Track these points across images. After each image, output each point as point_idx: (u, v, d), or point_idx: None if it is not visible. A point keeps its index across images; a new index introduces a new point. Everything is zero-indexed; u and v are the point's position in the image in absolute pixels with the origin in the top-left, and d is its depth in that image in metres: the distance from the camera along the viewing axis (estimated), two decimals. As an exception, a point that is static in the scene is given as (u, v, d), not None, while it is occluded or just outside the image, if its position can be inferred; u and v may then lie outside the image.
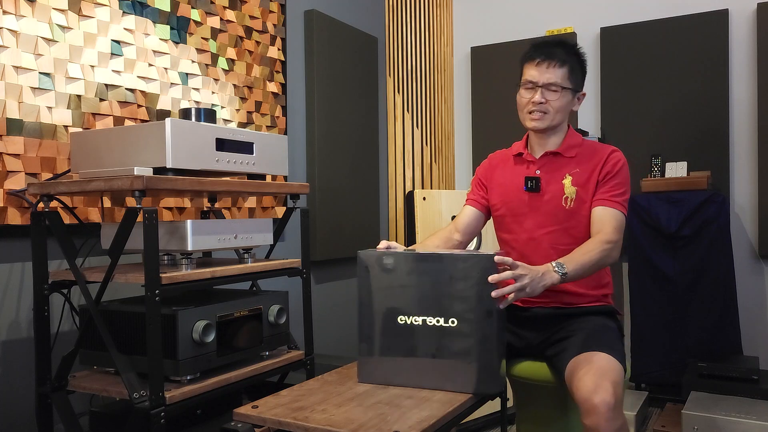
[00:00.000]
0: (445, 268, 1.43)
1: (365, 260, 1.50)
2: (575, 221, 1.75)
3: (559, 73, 1.75)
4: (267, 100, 2.52)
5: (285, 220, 1.92)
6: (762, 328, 3.20)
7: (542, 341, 1.76)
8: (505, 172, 1.89)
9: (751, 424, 2.40)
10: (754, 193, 3.21)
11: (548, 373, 1.73)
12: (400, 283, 1.46)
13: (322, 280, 2.89)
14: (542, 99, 1.75)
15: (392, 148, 3.43)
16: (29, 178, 1.68)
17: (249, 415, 1.31)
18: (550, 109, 1.76)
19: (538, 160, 1.82)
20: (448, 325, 1.42)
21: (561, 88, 1.75)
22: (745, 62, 3.24)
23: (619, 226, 1.70)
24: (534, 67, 1.77)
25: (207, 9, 2.24)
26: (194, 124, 1.52)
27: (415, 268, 1.45)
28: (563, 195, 1.76)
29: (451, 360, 1.42)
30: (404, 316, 1.46)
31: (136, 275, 1.44)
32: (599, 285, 1.79)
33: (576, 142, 1.82)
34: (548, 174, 1.80)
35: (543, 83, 1.74)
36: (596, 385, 1.41)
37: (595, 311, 1.76)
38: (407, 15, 3.56)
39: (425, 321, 1.44)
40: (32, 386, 1.63)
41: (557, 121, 1.78)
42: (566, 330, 1.70)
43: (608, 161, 1.76)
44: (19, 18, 1.66)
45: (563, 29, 3.64)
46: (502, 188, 1.87)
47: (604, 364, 1.48)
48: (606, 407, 1.37)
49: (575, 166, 1.79)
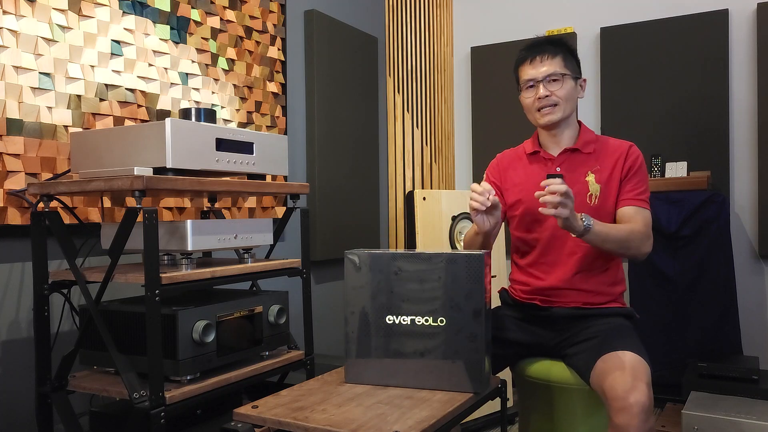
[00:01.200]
0: (433, 268, 1.42)
1: (352, 260, 1.49)
2: (599, 218, 1.73)
3: (554, 63, 1.76)
4: (267, 100, 2.52)
5: (285, 220, 1.92)
6: (762, 328, 3.20)
7: (561, 341, 1.75)
8: (519, 172, 1.87)
9: (751, 424, 2.40)
10: (754, 193, 3.21)
11: (564, 373, 1.71)
12: (388, 283, 1.46)
13: (322, 280, 2.89)
14: (547, 92, 1.75)
15: (392, 148, 3.43)
16: (29, 178, 1.68)
17: (249, 415, 1.31)
18: (558, 100, 1.76)
19: (558, 158, 1.82)
20: (437, 324, 1.41)
21: (561, 76, 1.76)
22: (745, 62, 3.24)
23: (648, 223, 1.73)
24: (529, 66, 1.78)
25: (207, 9, 2.24)
26: (194, 124, 1.52)
27: (403, 268, 1.45)
28: (588, 192, 1.76)
29: (439, 360, 1.41)
30: (392, 315, 1.45)
31: (136, 275, 1.44)
32: (614, 282, 1.80)
33: (591, 138, 1.83)
34: (569, 171, 1.79)
35: (542, 76, 1.75)
36: (632, 385, 1.41)
37: (615, 313, 1.76)
38: (407, 15, 3.56)
39: (413, 320, 1.43)
40: (32, 386, 1.63)
41: (569, 111, 1.79)
42: (590, 331, 1.69)
43: (629, 157, 1.78)
44: (19, 18, 1.66)
45: (563, 29, 3.64)
46: (519, 188, 1.85)
47: (637, 365, 1.47)
48: (640, 408, 1.37)
49: (595, 162, 1.79)
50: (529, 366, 1.80)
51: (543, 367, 1.77)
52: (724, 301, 2.96)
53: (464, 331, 1.39)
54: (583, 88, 1.84)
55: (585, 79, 1.85)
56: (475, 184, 1.60)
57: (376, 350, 1.47)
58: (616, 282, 1.80)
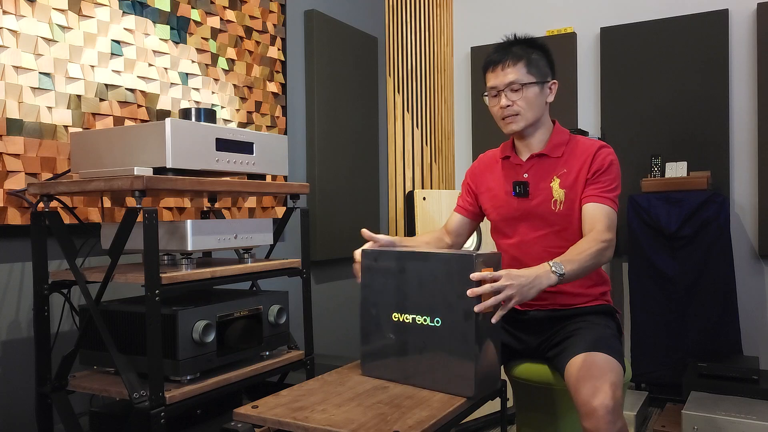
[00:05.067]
0: (430, 267, 1.42)
1: (363, 258, 1.53)
2: (566, 224, 1.72)
3: (516, 71, 1.69)
4: (267, 100, 2.52)
5: (285, 220, 1.92)
6: (762, 328, 3.20)
7: (541, 343, 1.76)
8: (494, 177, 1.86)
9: (751, 424, 2.40)
10: (754, 193, 3.21)
11: (548, 374, 1.73)
12: (394, 281, 1.47)
13: (322, 280, 2.89)
14: (508, 102, 1.71)
15: (392, 148, 3.43)
16: (29, 178, 1.68)
17: (249, 415, 1.31)
18: (519, 109, 1.71)
19: (526, 163, 1.78)
20: (433, 324, 1.41)
21: (521, 85, 1.70)
22: (745, 62, 3.24)
23: (610, 224, 1.65)
24: (491, 73, 1.74)
25: (207, 9, 2.24)
26: (194, 124, 1.52)
27: (404, 267, 1.46)
28: (552, 198, 1.72)
29: (435, 361, 1.41)
30: (397, 313, 1.47)
31: (136, 275, 1.44)
32: (596, 283, 1.77)
33: (562, 140, 1.77)
34: (536, 177, 1.76)
35: (504, 86, 1.71)
36: (595, 388, 1.40)
37: (593, 311, 1.75)
38: (407, 15, 3.56)
39: (414, 319, 1.44)
40: (32, 386, 1.63)
41: (533, 118, 1.73)
42: (565, 331, 1.70)
43: (596, 158, 1.71)
44: (19, 18, 1.66)
45: (563, 29, 3.64)
46: (491, 193, 1.85)
47: (603, 366, 1.47)
48: (605, 410, 1.36)
49: (563, 166, 1.74)
50: (515, 368, 1.81)
51: (528, 369, 1.78)
52: (724, 301, 2.96)
53: (456, 332, 1.38)
54: (552, 91, 1.77)
55: (555, 81, 1.78)
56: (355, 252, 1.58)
57: (384, 346, 1.49)
58: (597, 283, 1.78)
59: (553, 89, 1.77)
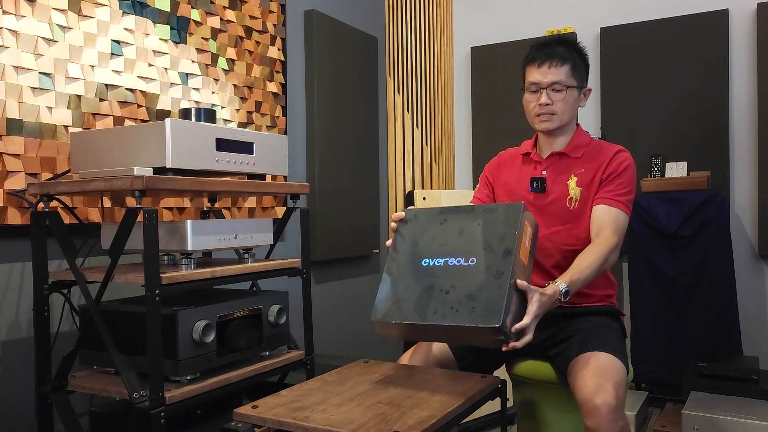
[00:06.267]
0: (474, 216, 1.49)
1: (406, 214, 1.58)
2: (580, 222, 1.74)
3: (561, 72, 1.73)
4: (267, 100, 2.52)
5: (285, 220, 1.92)
6: (762, 328, 3.20)
7: (545, 341, 1.76)
8: (512, 172, 1.89)
9: (751, 424, 2.40)
10: (754, 193, 3.21)
11: (551, 372, 1.73)
12: (432, 232, 1.52)
13: (322, 280, 2.89)
14: (548, 100, 1.74)
15: (392, 148, 3.43)
16: (29, 178, 1.68)
17: (249, 415, 1.31)
18: (557, 110, 1.75)
19: (545, 161, 1.82)
20: (467, 264, 1.43)
21: (566, 87, 1.74)
22: (745, 62, 3.24)
23: (618, 228, 1.67)
24: (536, 69, 1.76)
25: (207, 9, 2.24)
26: (194, 124, 1.52)
27: (447, 218, 1.52)
28: (567, 196, 1.76)
29: (462, 295, 1.40)
30: (428, 259, 1.49)
31: (136, 275, 1.44)
32: (602, 285, 1.79)
33: (583, 142, 1.81)
34: (554, 174, 1.79)
35: (547, 84, 1.74)
36: (598, 386, 1.40)
37: (597, 311, 1.76)
38: (407, 15, 3.56)
39: (446, 262, 1.46)
40: (32, 386, 1.63)
41: (566, 120, 1.77)
42: (569, 330, 1.70)
43: (613, 161, 1.74)
44: (19, 18, 1.66)
45: (563, 29, 3.64)
46: (507, 188, 1.87)
47: (606, 365, 1.47)
48: (607, 409, 1.37)
49: (581, 166, 1.78)
50: (517, 365, 1.82)
51: (530, 367, 1.78)
52: (724, 301, 2.96)
53: (492, 268, 1.39)
54: (586, 97, 1.82)
55: (590, 89, 1.82)
56: None
57: (406, 289, 1.47)
58: (603, 285, 1.79)
59: (587, 96, 1.83)
